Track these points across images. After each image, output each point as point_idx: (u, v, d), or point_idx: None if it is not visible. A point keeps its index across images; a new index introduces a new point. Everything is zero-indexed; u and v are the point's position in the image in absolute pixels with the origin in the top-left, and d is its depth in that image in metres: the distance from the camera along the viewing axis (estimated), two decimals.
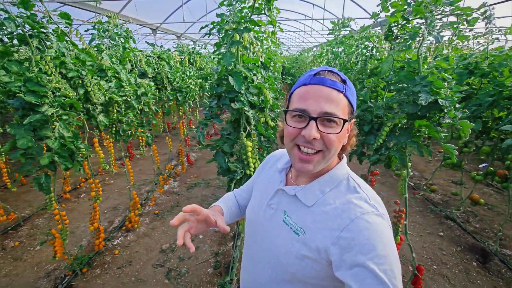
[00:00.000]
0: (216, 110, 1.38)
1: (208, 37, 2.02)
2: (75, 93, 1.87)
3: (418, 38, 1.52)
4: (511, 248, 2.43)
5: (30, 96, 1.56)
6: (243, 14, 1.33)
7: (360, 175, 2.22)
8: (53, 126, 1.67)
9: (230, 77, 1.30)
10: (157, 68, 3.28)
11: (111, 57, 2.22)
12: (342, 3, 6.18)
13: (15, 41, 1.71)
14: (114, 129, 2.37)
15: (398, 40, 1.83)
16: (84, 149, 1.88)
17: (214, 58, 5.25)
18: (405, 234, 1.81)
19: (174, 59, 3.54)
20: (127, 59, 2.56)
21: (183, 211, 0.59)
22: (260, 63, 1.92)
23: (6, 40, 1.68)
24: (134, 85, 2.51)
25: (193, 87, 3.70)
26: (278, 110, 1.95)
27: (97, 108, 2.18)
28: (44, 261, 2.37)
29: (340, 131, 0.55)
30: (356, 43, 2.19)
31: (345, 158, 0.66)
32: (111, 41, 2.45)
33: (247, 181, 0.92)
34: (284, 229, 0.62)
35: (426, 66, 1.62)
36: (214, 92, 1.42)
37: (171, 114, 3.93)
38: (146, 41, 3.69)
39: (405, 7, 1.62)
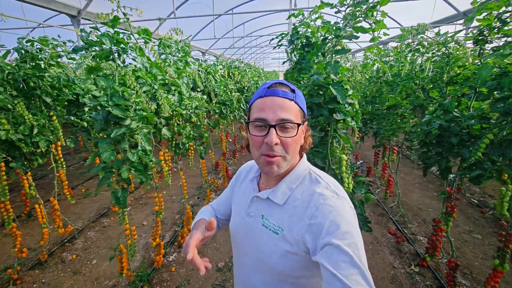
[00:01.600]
0: (310, 123, 1.30)
1: (278, 48, 2.00)
2: (152, 107, 1.89)
3: None
4: None
5: (116, 110, 1.57)
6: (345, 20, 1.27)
7: (441, 192, 2.01)
8: (135, 139, 1.67)
9: (331, 87, 1.23)
10: (205, 82, 3.33)
11: (176, 71, 2.25)
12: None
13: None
14: (174, 142, 2.36)
15: (489, 45, 1.70)
16: (155, 163, 1.86)
17: (248, 71, 5.31)
18: None
19: (219, 72, 3.60)
20: (182, 73, 2.61)
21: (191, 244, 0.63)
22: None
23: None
24: (191, 98, 2.53)
25: (235, 100, 3.71)
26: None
27: (162, 122, 2.20)
28: (102, 276, 2.33)
29: (296, 134, 0.63)
30: (425, 49, 2.07)
31: (304, 156, 0.74)
32: (172, 56, 2.51)
33: (221, 195, 0.95)
34: (265, 233, 0.68)
35: None
36: (308, 102, 1.35)
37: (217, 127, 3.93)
38: (192, 57, 3.79)
39: (503, 8, 1.50)
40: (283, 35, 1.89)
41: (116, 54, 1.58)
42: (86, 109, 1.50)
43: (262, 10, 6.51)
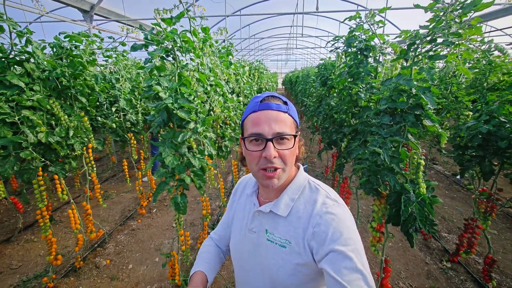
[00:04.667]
0: (395, 128, 1.32)
1: (333, 52, 2.01)
2: (205, 109, 1.85)
3: None
4: None
5: (182, 113, 1.53)
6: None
7: (480, 193, 2.09)
8: (190, 143, 1.63)
9: (421, 93, 1.26)
10: (235, 83, 3.30)
11: (223, 72, 2.22)
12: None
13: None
14: (217, 145, 2.33)
15: None
16: (209, 167, 1.84)
17: (265, 72, 5.29)
18: None
19: (246, 74, 3.57)
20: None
21: None
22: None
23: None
24: (232, 99, 2.50)
25: None
26: None
27: None
28: (143, 281, 2.27)
29: (293, 146, 0.63)
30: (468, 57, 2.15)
31: (301, 167, 0.74)
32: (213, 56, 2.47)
33: (222, 219, 0.92)
34: (271, 247, 0.67)
35: None
36: (387, 107, 1.37)
37: None
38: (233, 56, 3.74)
39: None
40: (338, 38, 1.90)
41: (188, 53, 1.53)
42: (152, 112, 1.43)
43: (270, 13, 6.50)
